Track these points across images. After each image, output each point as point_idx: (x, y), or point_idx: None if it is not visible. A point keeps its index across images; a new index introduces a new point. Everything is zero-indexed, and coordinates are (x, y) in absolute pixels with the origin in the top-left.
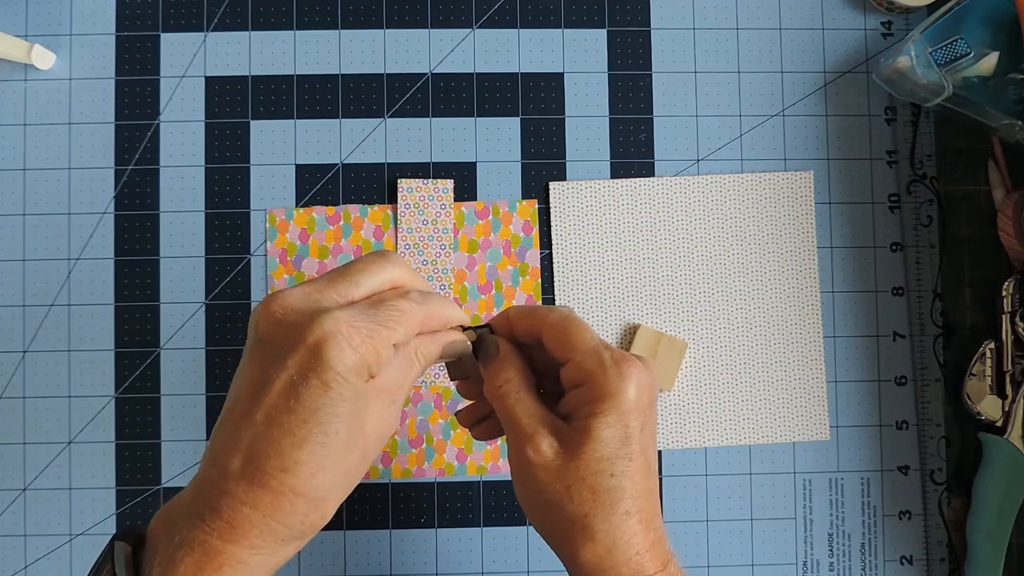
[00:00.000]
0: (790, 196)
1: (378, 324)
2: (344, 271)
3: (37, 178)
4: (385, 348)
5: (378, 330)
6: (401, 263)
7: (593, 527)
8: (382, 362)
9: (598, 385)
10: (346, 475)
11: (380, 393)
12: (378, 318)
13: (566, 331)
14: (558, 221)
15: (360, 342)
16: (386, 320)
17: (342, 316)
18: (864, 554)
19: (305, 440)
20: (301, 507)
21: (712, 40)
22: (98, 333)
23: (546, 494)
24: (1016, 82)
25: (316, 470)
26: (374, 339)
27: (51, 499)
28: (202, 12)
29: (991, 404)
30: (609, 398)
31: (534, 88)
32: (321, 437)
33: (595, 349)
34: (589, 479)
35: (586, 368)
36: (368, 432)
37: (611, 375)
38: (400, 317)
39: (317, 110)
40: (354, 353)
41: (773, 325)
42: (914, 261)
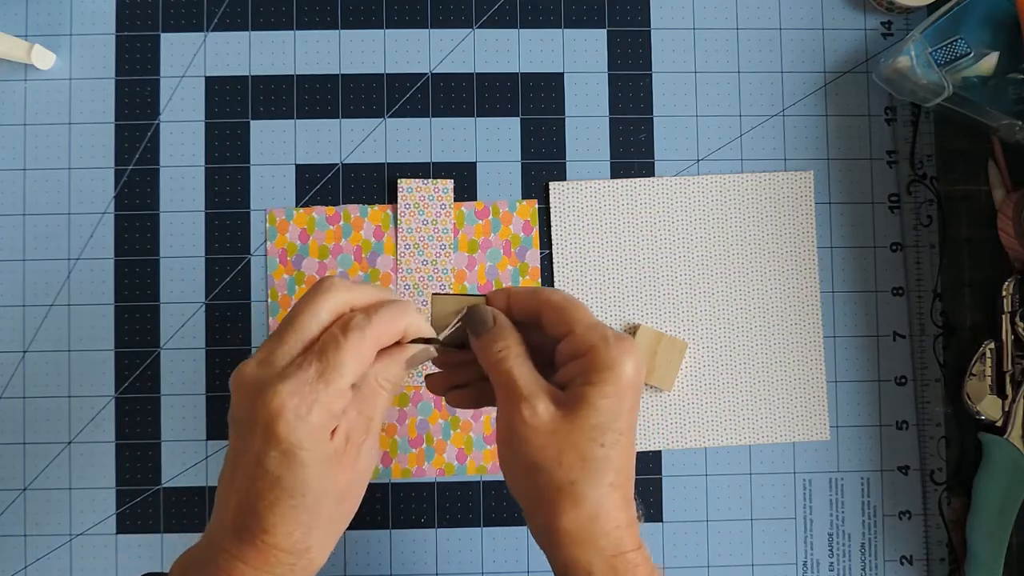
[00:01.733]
0: (790, 196)
1: (321, 380)
2: (288, 319)
3: (37, 178)
4: (337, 400)
5: (322, 388)
6: (336, 287)
7: (579, 494)
8: (337, 413)
9: (598, 356)
10: (329, 524)
11: (348, 440)
12: (323, 373)
13: (567, 309)
14: (558, 221)
15: (307, 409)
16: (330, 371)
17: (284, 389)
18: (864, 554)
19: (276, 504)
20: (287, 559)
21: (712, 40)
22: (98, 333)
23: (535, 457)
24: (1016, 82)
25: (292, 529)
26: (321, 399)
27: (51, 499)
28: (202, 12)
29: (991, 404)
30: (608, 370)
31: (534, 88)
32: (289, 501)
33: (596, 324)
34: (581, 445)
35: (588, 340)
36: (343, 481)
37: (612, 348)
38: (343, 357)
39: (317, 110)
40: (303, 422)
41: (773, 325)
42: (914, 261)
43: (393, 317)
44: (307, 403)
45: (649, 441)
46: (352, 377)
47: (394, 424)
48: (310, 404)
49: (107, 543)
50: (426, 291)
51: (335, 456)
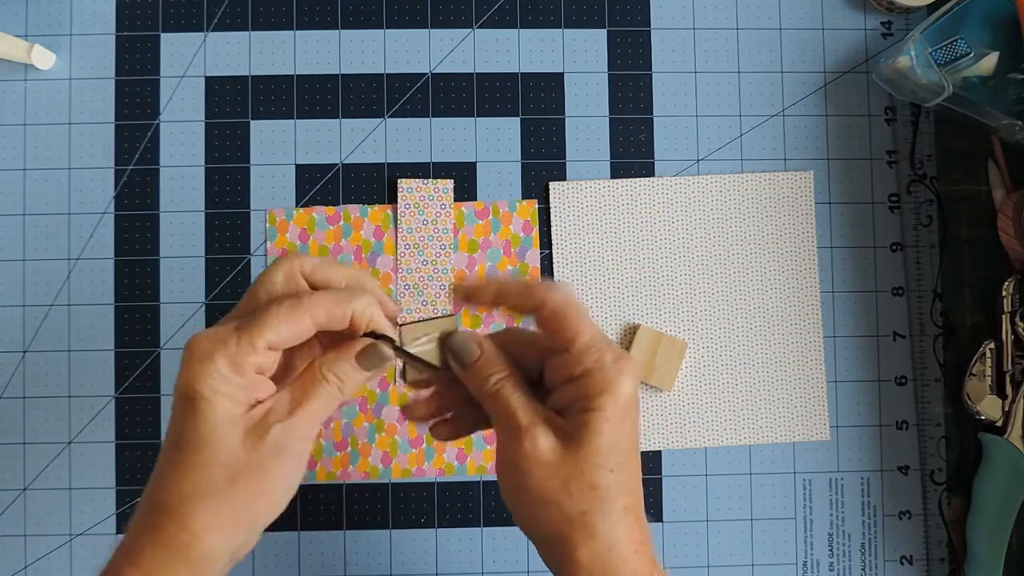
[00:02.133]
0: (790, 196)
1: (237, 332)
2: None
3: (37, 178)
4: (249, 355)
5: (234, 339)
6: (296, 258)
7: (593, 524)
8: (247, 371)
9: (596, 380)
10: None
11: (265, 416)
12: (242, 327)
13: (567, 316)
14: (558, 221)
15: (214, 356)
16: (249, 325)
17: (202, 336)
18: (864, 554)
19: (170, 462)
20: (169, 526)
21: (712, 40)
22: (98, 333)
23: (541, 490)
24: (1016, 82)
25: (179, 488)
26: (231, 349)
27: (51, 499)
28: (202, 12)
29: (991, 404)
30: (607, 393)
31: (534, 88)
32: (183, 456)
33: (595, 341)
34: (588, 474)
35: (585, 362)
36: (241, 456)
37: (610, 370)
38: (266, 317)
39: (317, 110)
40: (206, 368)
41: (773, 325)
42: (914, 261)
43: (338, 298)
44: (216, 350)
45: (649, 441)
46: (271, 338)
47: (394, 424)
48: (218, 351)
49: (107, 543)
50: (426, 291)
51: (242, 424)
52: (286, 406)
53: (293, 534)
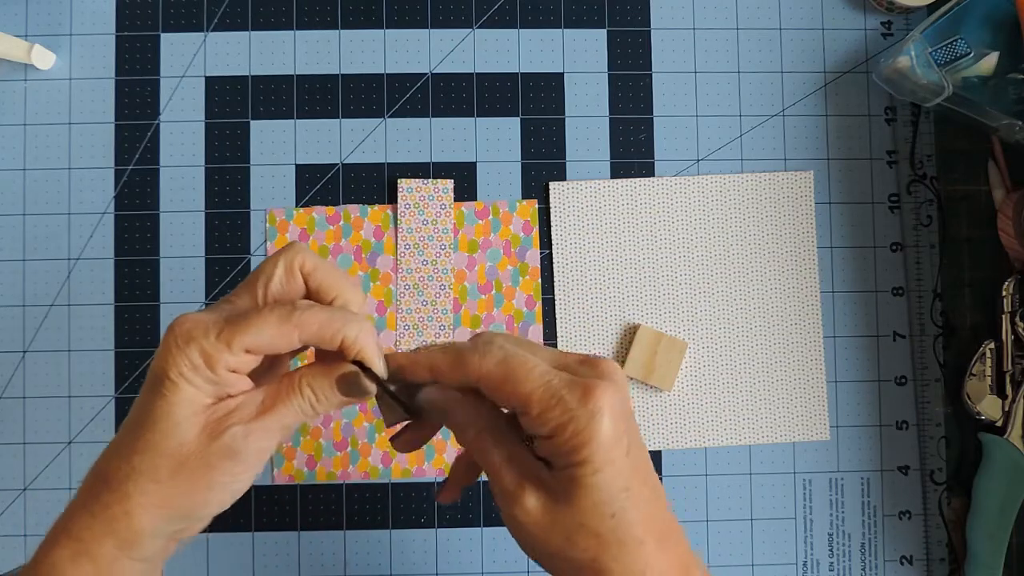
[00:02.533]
0: (790, 196)
1: (220, 325)
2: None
3: (37, 178)
4: (222, 353)
5: (214, 334)
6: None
7: (606, 569)
8: (217, 368)
9: (570, 434)
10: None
11: (229, 414)
12: (229, 322)
13: (506, 379)
14: (558, 221)
15: (189, 344)
16: (234, 323)
17: (188, 317)
18: (864, 554)
19: (124, 433)
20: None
21: (712, 40)
22: (98, 333)
23: (544, 548)
24: (1016, 82)
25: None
26: (209, 343)
27: (51, 499)
28: (202, 12)
29: (991, 404)
30: (586, 445)
31: (534, 88)
32: (136, 430)
33: (550, 392)
34: (589, 525)
35: (548, 419)
36: (192, 446)
37: (580, 419)
38: (253, 320)
39: (317, 110)
40: (180, 353)
41: (773, 325)
42: (914, 261)
43: (331, 319)
44: (194, 338)
45: (649, 441)
46: (252, 343)
47: None
48: (196, 340)
49: None
50: (426, 291)
51: (203, 416)
52: (253, 409)
53: (293, 534)
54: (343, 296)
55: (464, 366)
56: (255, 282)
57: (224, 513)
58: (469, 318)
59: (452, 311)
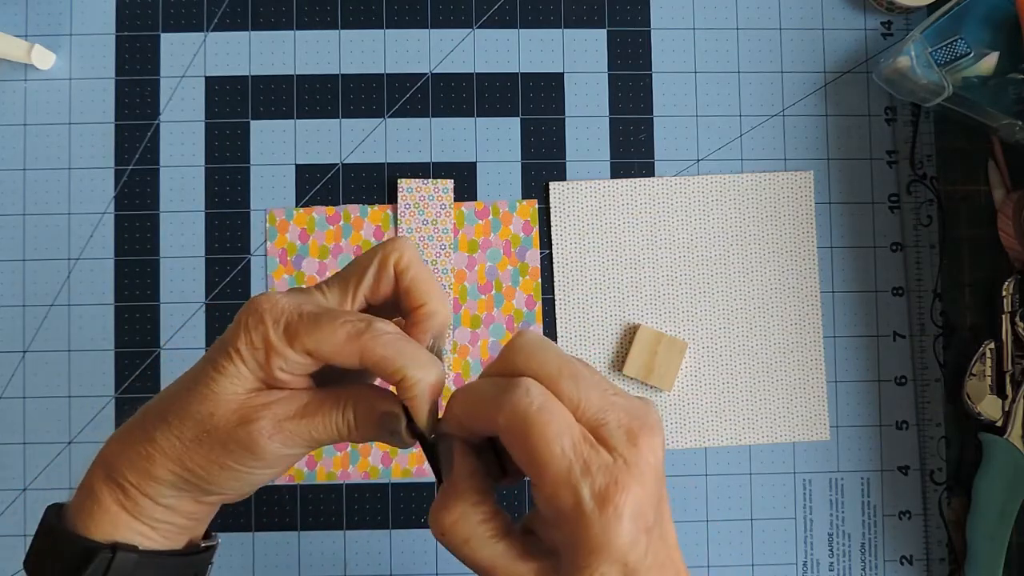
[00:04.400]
0: (790, 196)
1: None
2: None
3: (37, 178)
4: (283, 351)
5: (292, 325)
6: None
7: None
8: (272, 358)
9: (580, 537)
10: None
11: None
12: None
13: (524, 446)
14: (558, 221)
15: (256, 319)
16: (313, 321)
17: (269, 298)
18: (864, 554)
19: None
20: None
21: (712, 40)
22: (98, 333)
23: None
24: (1016, 82)
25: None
26: (273, 330)
27: (51, 499)
28: (202, 12)
29: (991, 404)
30: (596, 553)
31: (534, 88)
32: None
33: (569, 476)
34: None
35: (560, 508)
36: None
37: (594, 526)
38: (327, 329)
39: (317, 110)
40: (246, 328)
41: (773, 325)
42: (914, 261)
43: (401, 352)
44: (266, 322)
45: None
46: (313, 347)
47: None
48: (263, 325)
49: None
50: None
51: (243, 398)
52: (291, 409)
53: (293, 534)
54: (430, 305)
55: (483, 409)
56: (349, 275)
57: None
58: (469, 318)
59: (452, 311)
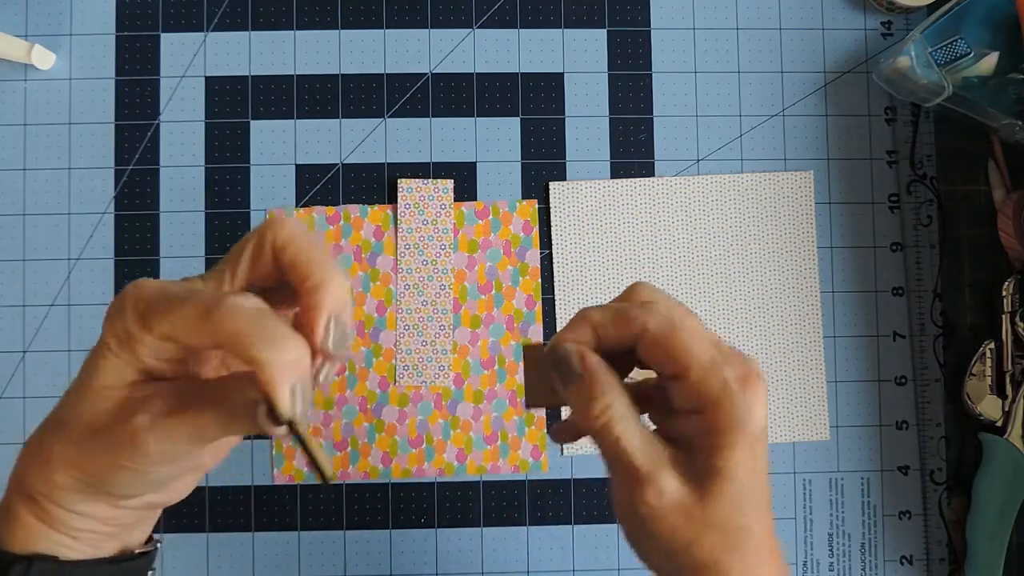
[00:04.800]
0: (790, 196)
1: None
2: None
3: (37, 178)
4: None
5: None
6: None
7: (727, 572)
8: (134, 345)
9: (724, 413)
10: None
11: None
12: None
13: (673, 343)
14: (558, 221)
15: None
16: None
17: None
18: (864, 554)
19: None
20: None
21: (712, 40)
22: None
23: (668, 541)
24: (1016, 82)
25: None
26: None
27: None
28: (202, 12)
29: (991, 404)
30: (738, 429)
31: (534, 88)
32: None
33: (714, 365)
34: (721, 523)
35: (707, 392)
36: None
37: (739, 402)
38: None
39: (317, 110)
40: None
41: (773, 325)
42: (914, 261)
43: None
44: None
45: None
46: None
47: (394, 424)
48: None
49: None
50: (426, 291)
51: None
52: (171, 403)
53: (293, 534)
54: (315, 277)
55: (626, 321)
56: (226, 260)
57: (225, 513)
58: (469, 318)
59: (452, 311)
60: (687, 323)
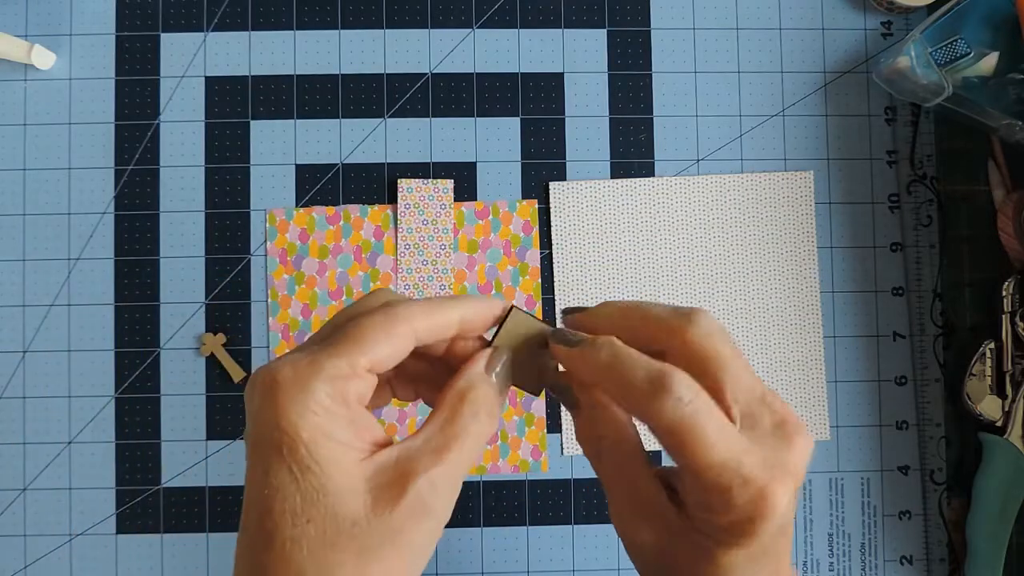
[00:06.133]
0: (790, 196)
1: (327, 350)
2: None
3: (37, 178)
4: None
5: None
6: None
7: None
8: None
9: (732, 512)
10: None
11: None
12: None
13: (686, 437)
14: (558, 221)
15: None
16: (341, 341)
17: (279, 364)
18: (864, 554)
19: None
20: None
21: (712, 40)
22: (98, 333)
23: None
24: (1016, 82)
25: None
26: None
27: (51, 499)
28: (202, 12)
29: (991, 404)
30: (745, 529)
31: (534, 88)
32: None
33: (727, 478)
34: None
35: (709, 503)
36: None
37: (751, 503)
38: (362, 329)
39: (317, 110)
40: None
41: (773, 325)
42: (914, 261)
43: (439, 303)
44: (311, 375)
45: (650, 441)
46: (374, 356)
47: (394, 424)
48: (314, 377)
49: (107, 543)
50: (426, 291)
51: (362, 477)
52: (429, 450)
53: None
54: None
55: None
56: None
57: (225, 513)
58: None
59: None
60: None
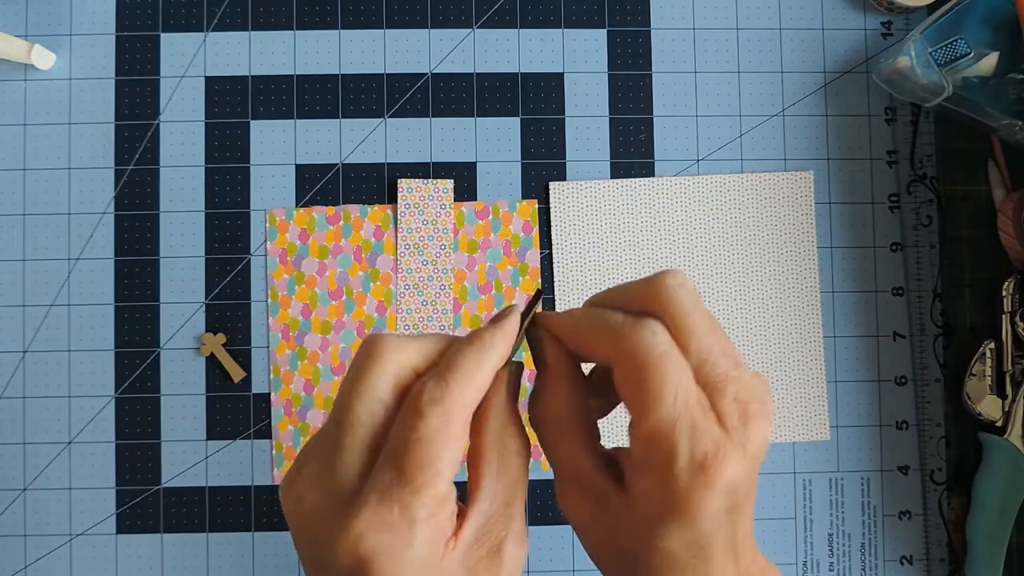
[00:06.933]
0: (790, 196)
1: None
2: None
3: (37, 178)
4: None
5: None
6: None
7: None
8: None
9: (662, 492)
10: None
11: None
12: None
13: (641, 376)
14: (558, 221)
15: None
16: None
17: (362, 525)
18: (864, 554)
19: None
20: None
21: (712, 40)
22: (98, 333)
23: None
24: (1016, 82)
25: None
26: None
27: (51, 499)
28: (202, 12)
29: (991, 404)
30: (674, 512)
31: (534, 88)
32: None
33: (672, 430)
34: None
35: (653, 453)
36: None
37: (682, 486)
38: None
39: (317, 110)
40: (405, 563)
41: (773, 325)
42: (914, 261)
43: (477, 364)
44: (402, 534)
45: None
46: (451, 470)
47: None
48: (408, 533)
49: (107, 543)
50: (426, 291)
51: (463, 561)
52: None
53: None
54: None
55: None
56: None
57: (225, 513)
58: (469, 318)
59: (452, 311)
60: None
